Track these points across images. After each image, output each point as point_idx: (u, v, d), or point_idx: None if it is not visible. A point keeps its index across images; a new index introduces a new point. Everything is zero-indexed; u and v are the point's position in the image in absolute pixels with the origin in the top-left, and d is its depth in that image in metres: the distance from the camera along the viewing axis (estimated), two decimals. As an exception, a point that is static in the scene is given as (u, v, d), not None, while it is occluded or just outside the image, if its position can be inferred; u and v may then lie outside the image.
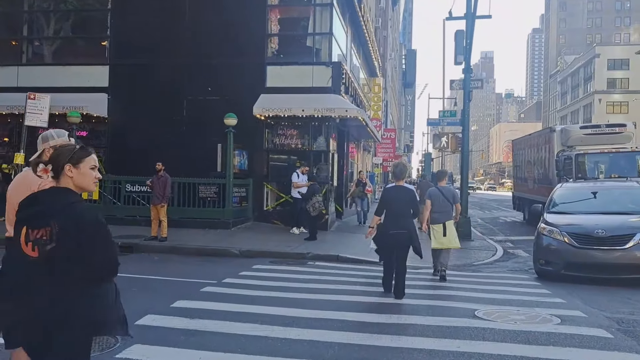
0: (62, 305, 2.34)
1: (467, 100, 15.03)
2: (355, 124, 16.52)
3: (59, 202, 2.44)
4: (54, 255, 2.35)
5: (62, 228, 2.35)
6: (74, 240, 2.35)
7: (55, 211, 2.40)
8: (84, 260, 2.36)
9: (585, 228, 8.88)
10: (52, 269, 2.35)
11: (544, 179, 16.62)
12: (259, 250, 11.04)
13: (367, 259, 10.80)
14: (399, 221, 7.05)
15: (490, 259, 12.18)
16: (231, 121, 13.67)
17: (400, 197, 7.18)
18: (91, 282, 2.42)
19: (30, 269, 2.38)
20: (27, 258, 2.39)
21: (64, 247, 2.34)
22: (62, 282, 2.35)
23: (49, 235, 2.36)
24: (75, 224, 2.37)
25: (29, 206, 2.50)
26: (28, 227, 2.41)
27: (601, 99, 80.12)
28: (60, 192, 2.50)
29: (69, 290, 2.36)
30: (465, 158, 15.09)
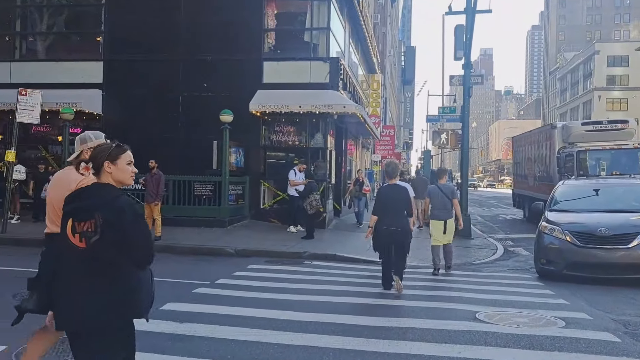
0: (106, 291, 2.60)
1: (466, 96, 14.79)
2: (353, 121, 16.28)
3: (102, 197, 2.68)
4: (99, 245, 2.59)
5: (106, 220, 2.58)
6: (116, 231, 2.57)
7: (99, 205, 2.63)
8: (125, 249, 2.60)
9: (588, 226, 8.64)
10: (97, 257, 2.60)
11: (545, 176, 16.38)
12: (254, 249, 10.81)
13: (365, 258, 10.59)
14: (393, 219, 7.16)
15: (491, 257, 11.95)
16: (227, 118, 13.43)
17: (393, 195, 7.32)
18: (131, 269, 2.66)
19: (78, 258, 2.63)
20: (74, 248, 2.64)
21: (107, 238, 2.58)
22: (106, 270, 2.61)
23: (93, 227, 2.59)
24: (118, 216, 2.60)
25: (74, 201, 2.74)
26: (74, 220, 2.65)
27: (601, 96, 79.91)
28: (102, 187, 2.75)
29: (113, 277, 2.62)
30: (465, 155, 14.85)
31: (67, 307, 2.66)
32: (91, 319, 2.61)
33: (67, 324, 2.68)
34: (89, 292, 2.61)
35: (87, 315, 2.60)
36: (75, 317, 2.64)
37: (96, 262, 2.61)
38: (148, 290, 2.78)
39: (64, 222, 2.72)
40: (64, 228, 2.71)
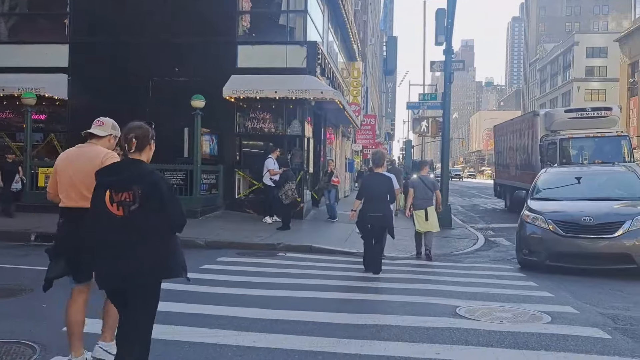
0: (145, 253, 2.95)
1: (447, 83, 14.38)
2: (332, 108, 15.77)
3: (138, 171, 3.03)
4: (137, 213, 2.94)
5: (144, 191, 2.94)
6: (154, 201, 2.94)
7: (136, 178, 2.98)
8: (162, 216, 2.98)
9: (572, 215, 8.31)
10: (136, 224, 2.94)
11: (527, 165, 16.09)
12: (226, 241, 10.28)
13: (343, 249, 10.17)
14: (376, 205, 7.60)
15: (471, 248, 11.62)
16: (198, 103, 12.82)
17: (377, 183, 7.76)
18: (167, 233, 3.04)
19: (117, 225, 2.96)
20: (112, 216, 2.97)
21: (146, 207, 2.94)
22: (145, 234, 2.96)
23: (132, 198, 2.94)
24: (155, 188, 2.98)
25: (112, 173, 3.07)
26: (112, 190, 2.98)
27: (580, 87, 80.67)
28: (139, 163, 3.12)
29: (150, 241, 2.96)
30: (445, 143, 14.46)
31: (112, 267, 3.01)
32: (137, 277, 2.98)
33: (113, 281, 3.05)
34: (132, 254, 2.96)
35: (134, 273, 2.97)
36: (122, 276, 2.99)
37: (135, 227, 2.96)
38: (180, 252, 3.16)
39: (100, 193, 3.05)
40: (100, 198, 3.03)
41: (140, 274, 2.99)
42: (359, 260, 9.04)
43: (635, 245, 7.84)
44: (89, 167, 3.42)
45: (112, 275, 3.04)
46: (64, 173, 3.68)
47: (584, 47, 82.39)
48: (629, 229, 7.91)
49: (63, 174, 3.69)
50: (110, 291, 3.17)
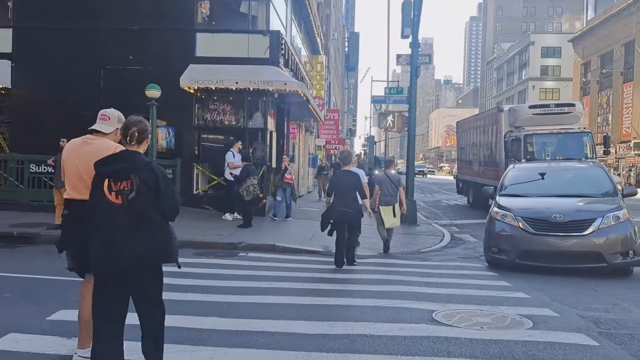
0: (142, 239, 3.13)
1: (414, 77, 14.09)
2: (295, 100, 15.24)
3: (136, 161, 3.20)
4: (134, 201, 3.12)
5: (142, 180, 3.12)
6: (151, 190, 3.13)
7: (134, 168, 3.14)
8: (157, 205, 3.17)
9: (542, 212, 8.09)
10: (133, 211, 3.11)
11: (491, 161, 16.03)
12: (182, 240, 9.47)
13: (308, 248, 9.69)
14: (345, 201, 7.90)
15: (438, 245, 11.36)
16: (153, 93, 12.02)
17: (346, 180, 8.03)
18: (161, 221, 3.21)
19: (116, 213, 3.13)
20: (111, 204, 3.14)
21: (143, 195, 3.13)
22: (142, 222, 3.13)
23: (130, 186, 3.11)
24: (153, 177, 3.15)
25: (111, 164, 3.20)
26: (110, 179, 3.15)
27: (535, 86, 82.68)
28: (136, 154, 3.28)
29: (147, 227, 3.14)
30: (411, 138, 14.18)
31: (110, 252, 3.13)
32: (134, 261, 3.11)
33: (110, 265, 3.15)
34: (130, 239, 3.09)
35: (131, 257, 3.11)
36: (119, 260, 3.11)
37: (132, 215, 3.09)
38: (175, 240, 3.32)
39: (99, 182, 3.17)
40: (99, 187, 3.15)
41: (138, 258, 3.12)
42: (326, 259, 8.63)
43: (605, 243, 7.67)
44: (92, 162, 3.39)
45: (110, 259, 3.14)
46: (70, 164, 3.67)
47: (539, 46, 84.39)
48: (599, 227, 7.74)
49: (69, 165, 3.68)
50: (104, 276, 3.22)
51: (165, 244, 3.23)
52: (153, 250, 3.16)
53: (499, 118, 15.36)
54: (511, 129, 14.95)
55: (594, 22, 59.98)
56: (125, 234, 3.11)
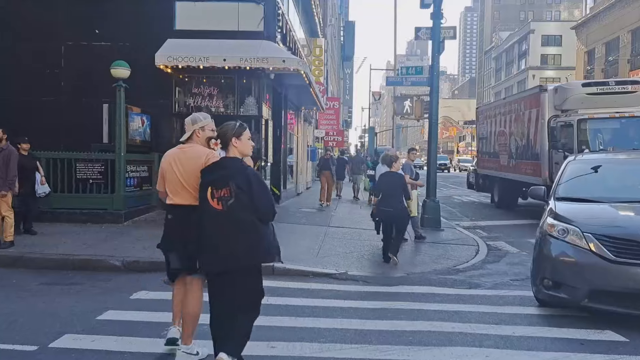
0: (241, 242, 3.41)
1: (436, 53, 11.81)
2: (295, 83, 12.94)
3: (233, 168, 3.49)
4: (233, 207, 3.41)
5: (239, 186, 3.40)
6: (247, 195, 3.40)
7: (232, 175, 3.43)
8: (254, 208, 3.44)
9: (625, 227, 5.41)
10: (233, 216, 3.40)
11: (527, 152, 13.68)
12: (152, 260, 7.31)
13: (317, 270, 7.41)
14: (390, 202, 8.07)
15: (475, 258, 9.12)
16: (121, 72, 9.74)
17: (391, 181, 8.22)
18: (259, 224, 3.47)
19: (218, 218, 3.43)
20: (214, 210, 3.44)
21: (240, 201, 3.40)
22: (241, 226, 3.41)
23: (229, 193, 3.40)
24: (248, 183, 3.43)
25: (212, 172, 3.53)
26: (212, 188, 3.45)
27: (535, 75, 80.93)
28: (233, 160, 3.57)
29: (245, 231, 3.41)
30: (433, 127, 11.93)
31: (215, 255, 3.46)
32: (236, 262, 3.45)
33: (217, 267, 3.49)
34: (230, 242, 3.40)
35: (233, 259, 3.44)
36: (223, 262, 3.45)
37: (232, 219, 3.39)
38: (275, 240, 3.62)
39: (203, 190, 3.50)
40: (204, 194, 3.47)
41: (238, 259, 3.42)
42: (344, 288, 6.44)
43: None
44: (194, 167, 3.70)
45: (215, 261, 3.47)
46: (171, 173, 3.84)
47: (540, 35, 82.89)
48: None
49: (170, 174, 3.85)
50: (213, 276, 3.53)
51: (259, 245, 3.46)
52: (249, 251, 3.42)
53: (541, 100, 12.82)
54: (557, 112, 12.54)
55: (599, 9, 57.89)
56: (226, 237, 3.40)
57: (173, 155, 3.92)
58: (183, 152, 3.90)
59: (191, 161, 3.74)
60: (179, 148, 3.97)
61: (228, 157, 3.54)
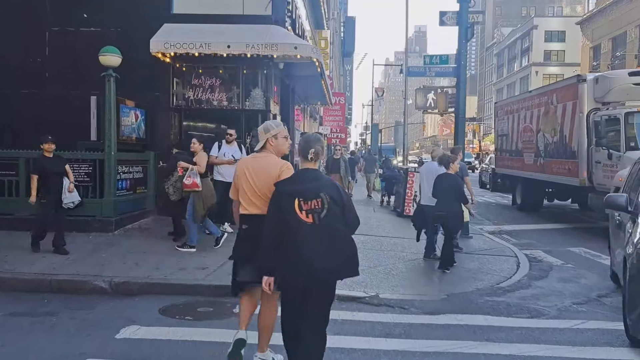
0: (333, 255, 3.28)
1: (463, 40, 10.60)
2: (306, 74, 11.73)
3: (323, 179, 3.44)
4: (325, 219, 3.27)
5: (332, 198, 3.29)
6: (338, 206, 3.30)
7: (322, 186, 3.33)
8: (343, 220, 3.35)
9: None
10: (324, 229, 3.26)
11: (560, 150, 12.41)
12: (146, 282, 6.10)
13: (341, 292, 6.17)
14: (444, 204, 7.66)
15: (518, 273, 7.91)
16: (111, 59, 8.51)
17: (447, 183, 7.70)
18: (349, 236, 3.42)
19: (308, 231, 3.26)
20: (302, 222, 3.27)
21: (332, 213, 3.29)
22: (332, 239, 3.29)
23: (320, 205, 3.26)
24: (338, 194, 3.34)
25: (298, 183, 3.41)
26: (300, 199, 3.28)
27: (538, 71, 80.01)
28: (318, 172, 3.53)
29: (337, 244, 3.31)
30: (460, 122, 10.70)
31: (303, 267, 3.26)
32: (328, 273, 3.33)
33: (303, 282, 3.31)
34: (322, 254, 3.24)
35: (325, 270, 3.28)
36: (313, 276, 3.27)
37: (324, 232, 3.25)
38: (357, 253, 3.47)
39: (289, 202, 3.30)
40: (289, 206, 3.28)
41: (330, 271, 3.31)
42: (379, 318, 5.24)
43: None
44: (267, 177, 3.62)
45: (303, 274, 3.26)
46: (245, 182, 3.77)
47: (543, 31, 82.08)
48: None
49: (244, 183, 3.78)
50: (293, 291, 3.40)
51: (353, 257, 3.41)
52: (344, 263, 3.34)
53: (579, 91, 11.47)
54: (598, 105, 11.28)
55: (605, 3, 56.71)
56: (318, 250, 3.23)
57: (247, 164, 3.87)
58: (257, 161, 3.83)
59: (264, 171, 3.69)
60: (253, 157, 3.95)
61: (310, 168, 3.46)
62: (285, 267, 3.31)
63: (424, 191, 8.61)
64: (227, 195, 9.47)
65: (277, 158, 3.80)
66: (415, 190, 12.67)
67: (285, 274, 3.33)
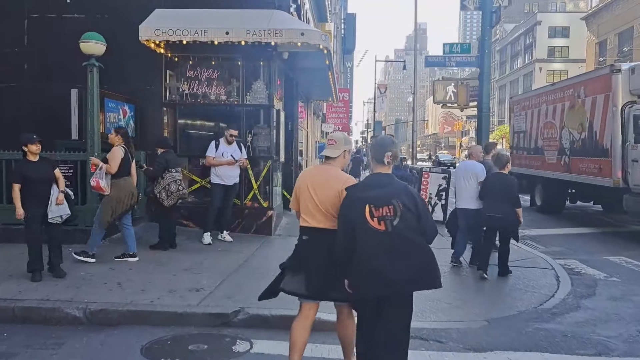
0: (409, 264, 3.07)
1: (488, 27, 9.57)
2: (311, 66, 10.68)
3: (396, 185, 3.21)
4: (399, 227, 3.08)
5: (405, 205, 3.10)
6: (413, 214, 3.11)
7: (395, 192, 3.14)
8: (419, 228, 3.15)
9: None
10: (397, 237, 3.08)
11: (588, 147, 11.36)
12: (127, 309, 5.06)
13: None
14: (498, 206, 7.12)
15: (561, 290, 6.88)
16: (93, 47, 7.48)
17: (503, 183, 7.22)
18: (425, 245, 3.18)
19: (379, 239, 3.09)
20: (374, 230, 3.10)
21: (406, 221, 3.09)
22: (408, 247, 3.09)
23: (392, 212, 3.09)
24: (413, 201, 3.14)
25: (369, 189, 3.21)
26: (371, 205, 3.12)
27: (542, 68, 79.25)
28: (391, 177, 3.28)
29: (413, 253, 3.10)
30: (485, 118, 9.66)
31: (376, 277, 3.06)
32: (403, 284, 3.11)
33: (378, 291, 3.11)
34: (396, 264, 3.04)
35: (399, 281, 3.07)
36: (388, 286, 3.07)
37: (397, 240, 3.07)
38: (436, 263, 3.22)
39: (359, 208, 3.13)
40: (360, 213, 3.12)
41: (405, 282, 3.08)
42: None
43: None
44: (332, 191, 3.47)
45: (376, 285, 3.08)
46: (306, 194, 3.63)
47: (546, 27, 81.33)
48: None
49: (305, 195, 3.64)
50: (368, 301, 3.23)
51: (430, 266, 3.18)
52: (420, 274, 3.13)
53: (613, 83, 10.40)
54: (634, 98, 10.23)
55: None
56: (392, 259, 3.06)
57: (310, 175, 3.74)
58: (321, 173, 3.68)
59: (328, 185, 3.53)
60: (318, 168, 3.86)
61: (382, 172, 3.29)
62: (355, 277, 3.16)
63: (461, 193, 7.73)
64: (226, 200, 8.55)
65: (342, 171, 3.63)
66: (431, 192, 11.67)
67: (356, 285, 3.17)
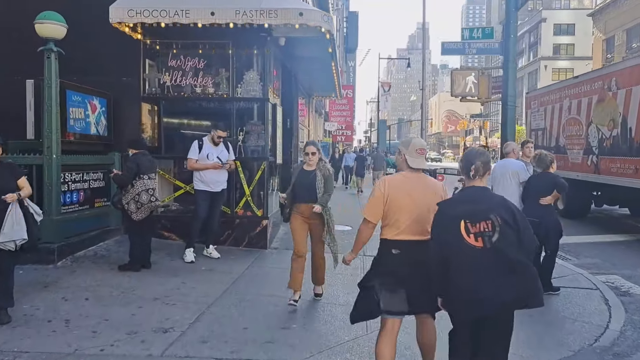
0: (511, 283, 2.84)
1: (513, 9, 8.32)
2: (312, 55, 9.44)
3: (493, 199, 3.03)
4: (498, 243, 2.87)
5: (504, 220, 2.89)
6: (512, 229, 2.89)
7: (493, 207, 2.94)
8: (518, 245, 2.90)
9: None
10: (497, 254, 2.85)
11: (620, 146, 10.04)
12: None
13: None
14: (532, 208, 6.45)
15: (615, 320, 5.65)
16: (50, 28, 6.26)
17: (548, 183, 6.62)
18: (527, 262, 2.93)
19: (477, 256, 2.88)
20: (470, 247, 2.91)
21: (505, 236, 2.88)
22: (507, 265, 2.85)
23: (490, 228, 2.89)
24: (512, 215, 2.91)
25: (464, 203, 3.01)
26: (467, 221, 2.93)
27: (547, 66, 78.38)
28: (487, 190, 3.10)
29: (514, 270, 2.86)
30: (510, 111, 8.42)
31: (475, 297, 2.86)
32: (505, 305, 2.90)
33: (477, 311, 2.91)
34: (497, 283, 2.83)
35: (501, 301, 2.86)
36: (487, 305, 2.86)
37: (497, 257, 2.85)
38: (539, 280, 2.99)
39: (454, 224, 2.95)
40: (456, 229, 2.94)
41: (507, 302, 2.92)
42: None
43: None
44: (431, 200, 3.30)
45: (475, 305, 2.91)
46: (401, 205, 3.39)
47: (552, 24, 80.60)
48: None
49: (404, 204, 3.38)
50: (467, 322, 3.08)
51: (534, 286, 2.95)
52: (523, 293, 2.91)
53: None
54: None
55: (617, -6, 54.48)
56: (492, 278, 2.87)
57: (408, 182, 3.45)
58: (418, 181, 3.46)
59: (432, 191, 3.41)
60: (409, 177, 3.47)
61: (478, 186, 3.07)
62: (451, 296, 2.97)
63: None
64: (213, 209, 7.28)
65: (436, 181, 3.60)
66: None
67: (453, 306, 3.02)
